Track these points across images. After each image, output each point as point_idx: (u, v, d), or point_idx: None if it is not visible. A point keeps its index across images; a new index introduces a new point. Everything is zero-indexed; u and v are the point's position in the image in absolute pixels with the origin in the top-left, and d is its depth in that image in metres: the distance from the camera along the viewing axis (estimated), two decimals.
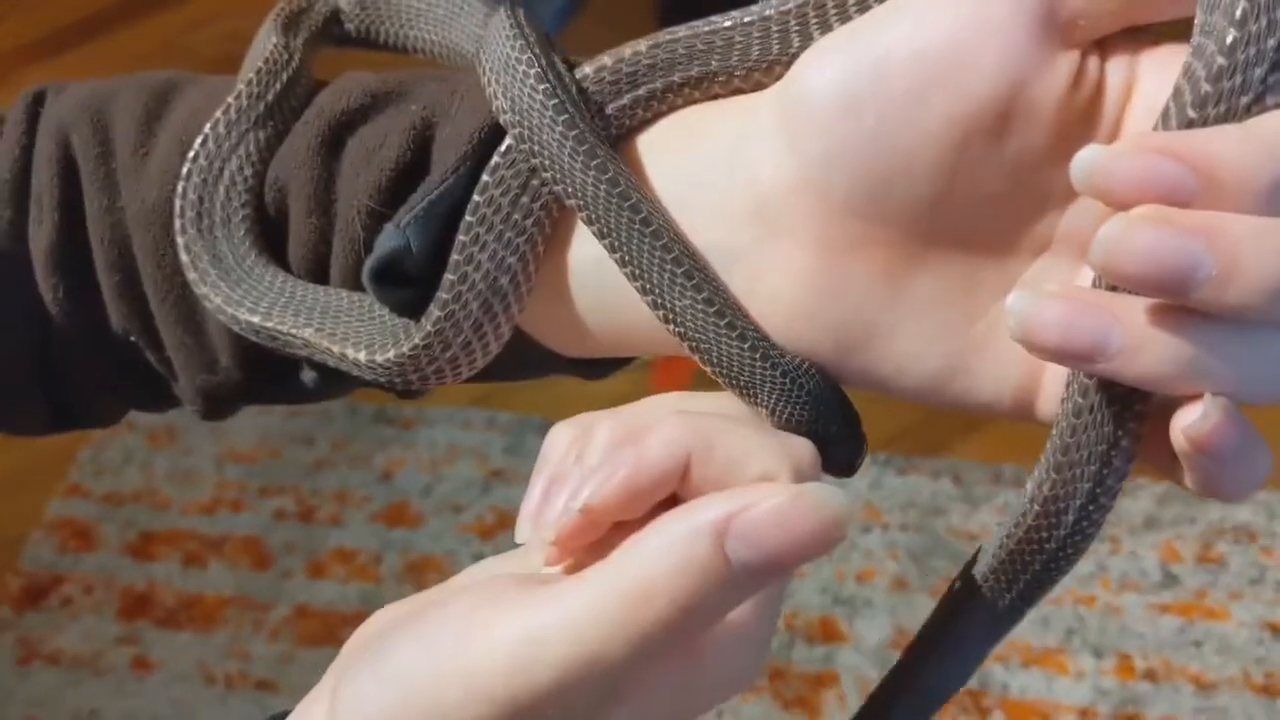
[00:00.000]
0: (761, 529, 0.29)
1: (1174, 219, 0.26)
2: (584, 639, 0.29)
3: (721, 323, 0.35)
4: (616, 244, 0.35)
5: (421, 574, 1.44)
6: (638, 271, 0.35)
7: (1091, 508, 0.33)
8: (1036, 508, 0.34)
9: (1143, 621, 1.36)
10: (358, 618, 0.42)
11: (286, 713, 0.34)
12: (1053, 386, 0.34)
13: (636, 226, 0.34)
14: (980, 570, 0.37)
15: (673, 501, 0.32)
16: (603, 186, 0.34)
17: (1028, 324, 0.28)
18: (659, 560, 0.29)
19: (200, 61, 2.01)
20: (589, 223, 0.35)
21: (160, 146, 0.42)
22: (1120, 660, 1.33)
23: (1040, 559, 0.35)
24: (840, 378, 0.36)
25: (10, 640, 1.41)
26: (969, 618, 0.38)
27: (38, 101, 0.45)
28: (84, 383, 0.47)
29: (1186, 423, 0.28)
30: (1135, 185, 0.27)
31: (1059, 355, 0.28)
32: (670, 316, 0.35)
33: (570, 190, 0.35)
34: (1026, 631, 1.35)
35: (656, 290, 0.35)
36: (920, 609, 1.34)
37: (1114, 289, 0.29)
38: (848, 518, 0.29)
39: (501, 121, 0.36)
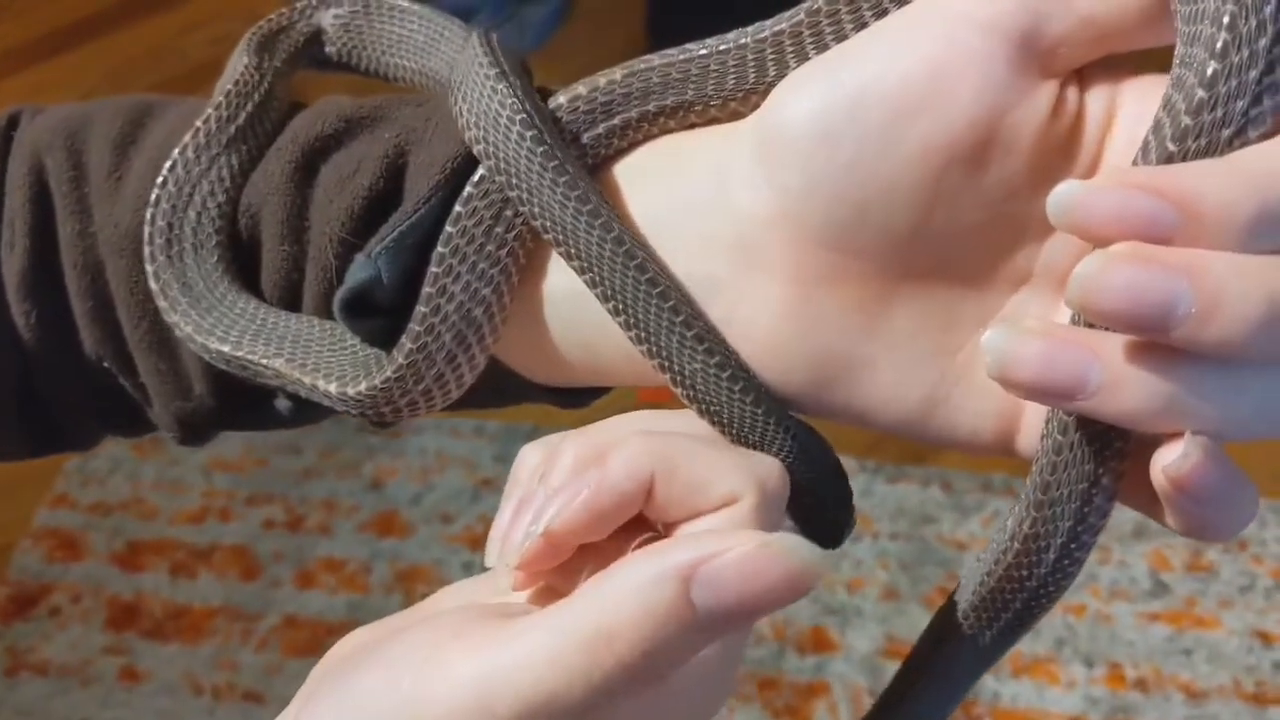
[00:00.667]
0: (727, 577, 0.29)
1: (1153, 256, 0.26)
2: (542, 680, 0.29)
3: (724, 375, 0.34)
4: (599, 279, 0.34)
5: (411, 583, 1.43)
6: (623, 306, 0.34)
7: (1073, 546, 0.33)
8: (1017, 545, 0.33)
9: (1133, 630, 1.35)
10: (346, 627, 0.42)
11: None
12: (1033, 421, 0.34)
13: (621, 261, 0.34)
14: (961, 607, 0.36)
15: (640, 520, 0.32)
16: (583, 219, 0.34)
17: (1005, 361, 0.27)
18: (622, 603, 0.29)
19: (192, 65, 2.00)
20: (569, 257, 0.35)
21: (134, 170, 0.42)
22: (1111, 669, 1.33)
23: (1021, 597, 0.34)
24: (819, 411, 0.35)
25: None
26: (952, 654, 0.38)
27: (12, 124, 0.45)
28: (61, 408, 0.46)
29: (1166, 462, 0.28)
30: (1113, 221, 0.26)
31: (1037, 393, 0.28)
32: (666, 365, 0.35)
33: (549, 224, 0.34)
34: None
35: (647, 332, 0.34)
36: (911, 618, 1.34)
37: (1093, 325, 0.28)
38: (819, 568, 0.29)
39: (475, 152, 0.35)
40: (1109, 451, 0.31)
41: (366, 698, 0.31)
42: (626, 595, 0.29)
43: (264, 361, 0.38)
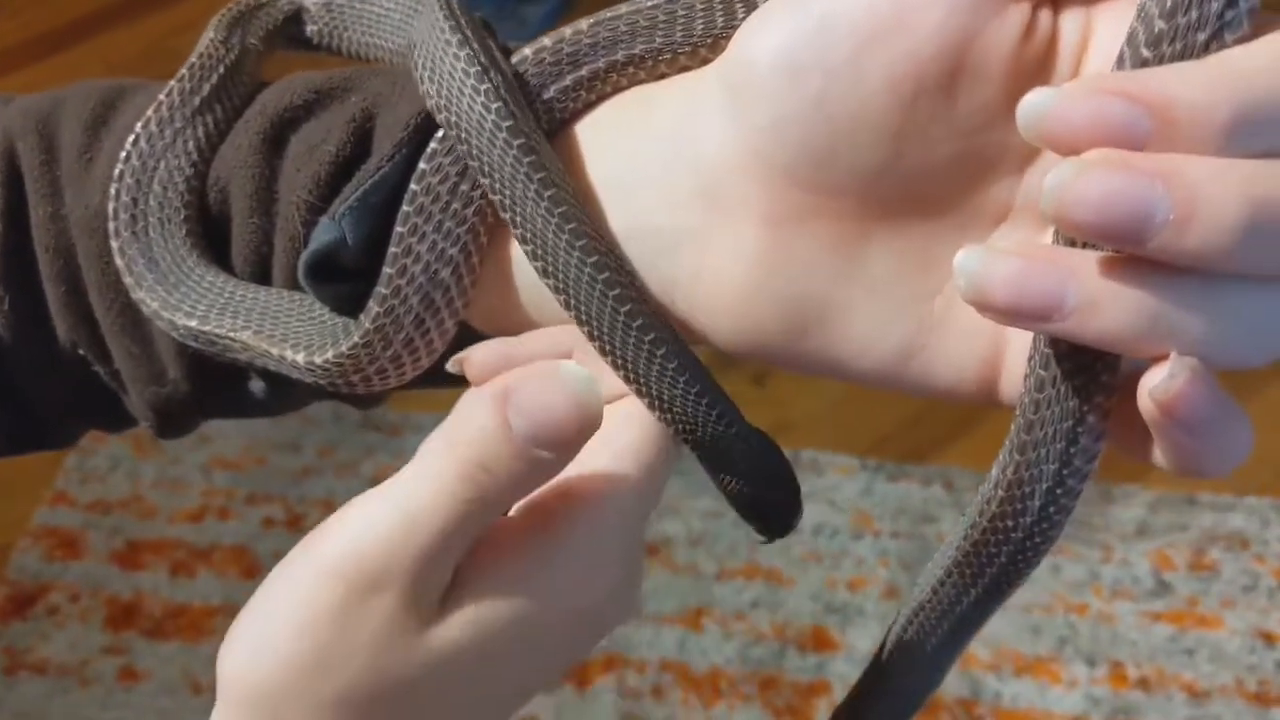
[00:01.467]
0: (527, 401, 0.31)
1: (1127, 161, 0.25)
2: (410, 495, 0.32)
3: (681, 379, 0.34)
4: (550, 268, 0.34)
5: None
6: (574, 302, 0.34)
7: (1059, 491, 0.31)
8: (1000, 493, 0.32)
9: (1135, 629, 1.35)
10: None
11: None
12: (1016, 366, 0.33)
13: (576, 254, 0.33)
14: (944, 565, 0.35)
15: None
16: (533, 188, 0.33)
17: (978, 282, 0.27)
18: (464, 425, 0.32)
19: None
20: (522, 241, 0.34)
21: (105, 151, 0.41)
22: (1113, 668, 1.32)
23: (1006, 550, 0.33)
24: (793, 362, 0.35)
25: None
26: (933, 618, 0.37)
27: None
28: (38, 402, 0.46)
29: (1153, 384, 0.27)
30: (1086, 128, 0.25)
31: (1012, 314, 0.27)
32: (617, 363, 0.35)
33: (502, 196, 0.34)
34: (1018, 640, 1.34)
35: (601, 336, 0.34)
36: None
37: (1072, 244, 0.28)
38: (598, 402, 0.32)
39: (432, 112, 0.35)
40: (1094, 386, 0.30)
41: (268, 590, 0.34)
42: (463, 421, 0.32)
43: (231, 335, 0.38)
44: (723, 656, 1.35)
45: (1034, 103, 0.26)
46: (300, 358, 0.37)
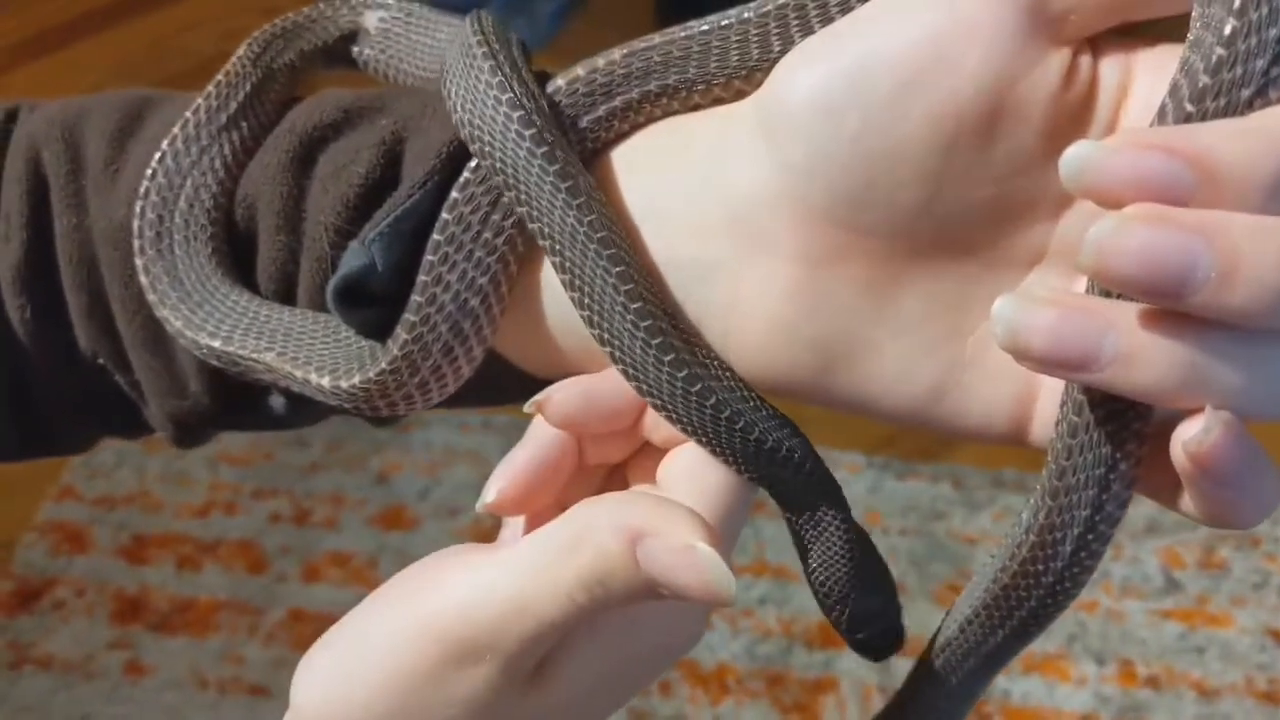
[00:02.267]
0: (661, 559, 0.31)
1: (1170, 216, 0.25)
2: (527, 580, 0.32)
3: (734, 423, 0.34)
4: (584, 294, 0.34)
5: None
6: (608, 336, 0.34)
7: (1090, 537, 0.31)
8: (1032, 538, 0.32)
9: (1145, 627, 1.34)
10: None
11: None
12: (1048, 409, 0.32)
13: (610, 280, 0.33)
14: (974, 605, 0.35)
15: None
16: (572, 215, 0.33)
17: (1016, 330, 0.26)
18: (585, 537, 0.32)
19: (197, 61, 1.99)
20: (557, 266, 0.34)
21: (131, 163, 0.41)
22: (1122, 666, 1.32)
23: (1037, 594, 0.33)
24: (822, 399, 0.34)
25: (1, 644, 1.40)
26: (962, 656, 0.37)
27: (10, 119, 0.44)
28: (55, 407, 0.45)
29: (1187, 437, 0.26)
30: (1128, 181, 0.25)
31: (1048, 364, 0.27)
32: (654, 402, 0.34)
33: (538, 222, 0.33)
34: None
35: (631, 365, 0.34)
36: (921, 614, 1.33)
37: (1108, 295, 0.27)
38: (726, 589, 0.31)
39: (463, 136, 0.34)
40: (1127, 433, 0.29)
41: (361, 626, 0.34)
42: (591, 532, 0.32)
43: (254, 356, 0.37)
44: (730, 653, 1.35)
45: (1077, 154, 0.25)
46: (326, 381, 0.36)
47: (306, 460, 1.54)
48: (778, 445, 0.34)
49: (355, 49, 0.43)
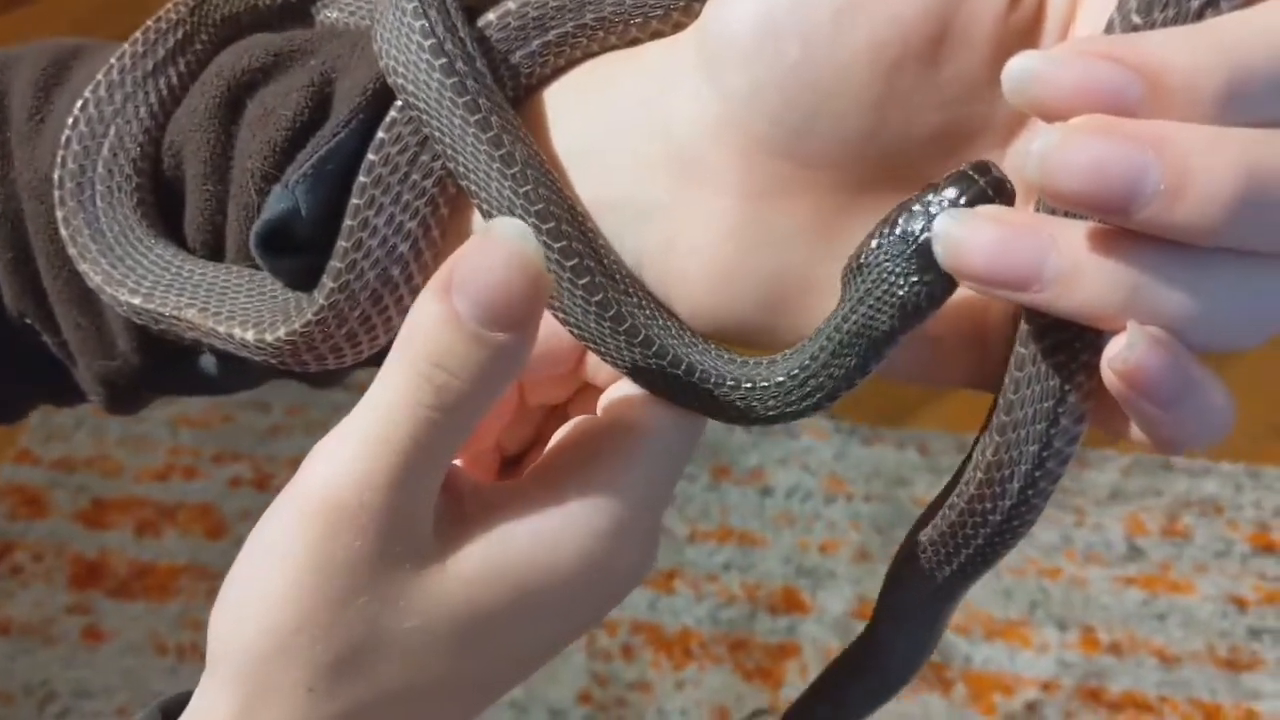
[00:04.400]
0: (468, 277, 0.29)
1: (1118, 128, 0.24)
2: (371, 419, 0.30)
3: (648, 351, 0.32)
4: None
5: None
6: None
7: (1038, 474, 0.31)
8: (980, 475, 0.31)
9: (1107, 594, 1.35)
10: None
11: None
12: (1001, 349, 0.31)
13: (531, 220, 0.32)
14: (920, 543, 0.34)
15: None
16: (495, 165, 0.31)
17: (956, 248, 0.26)
18: (410, 333, 0.30)
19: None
20: (484, 216, 0.33)
21: (56, 113, 0.40)
22: (1084, 633, 1.32)
23: (984, 532, 0.32)
24: (768, 340, 0.33)
25: None
26: (910, 595, 0.36)
27: None
28: None
29: (1112, 354, 0.26)
30: (1074, 93, 0.24)
31: (989, 281, 0.26)
32: (581, 336, 0.33)
33: (461, 167, 0.32)
34: (990, 603, 1.33)
35: (574, 320, 0.32)
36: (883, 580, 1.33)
37: (1053, 214, 0.26)
38: (531, 246, 0.29)
39: (390, 84, 0.33)
40: (1075, 365, 0.29)
41: (250, 544, 0.32)
42: (411, 325, 0.30)
43: (175, 314, 0.36)
44: (694, 618, 1.34)
45: (1021, 66, 0.24)
46: (250, 335, 0.35)
47: (267, 424, 1.52)
48: (705, 375, 0.33)
49: (315, 9, 0.41)
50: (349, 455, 0.30)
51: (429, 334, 0.29)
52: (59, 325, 0.41)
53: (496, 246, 0.29)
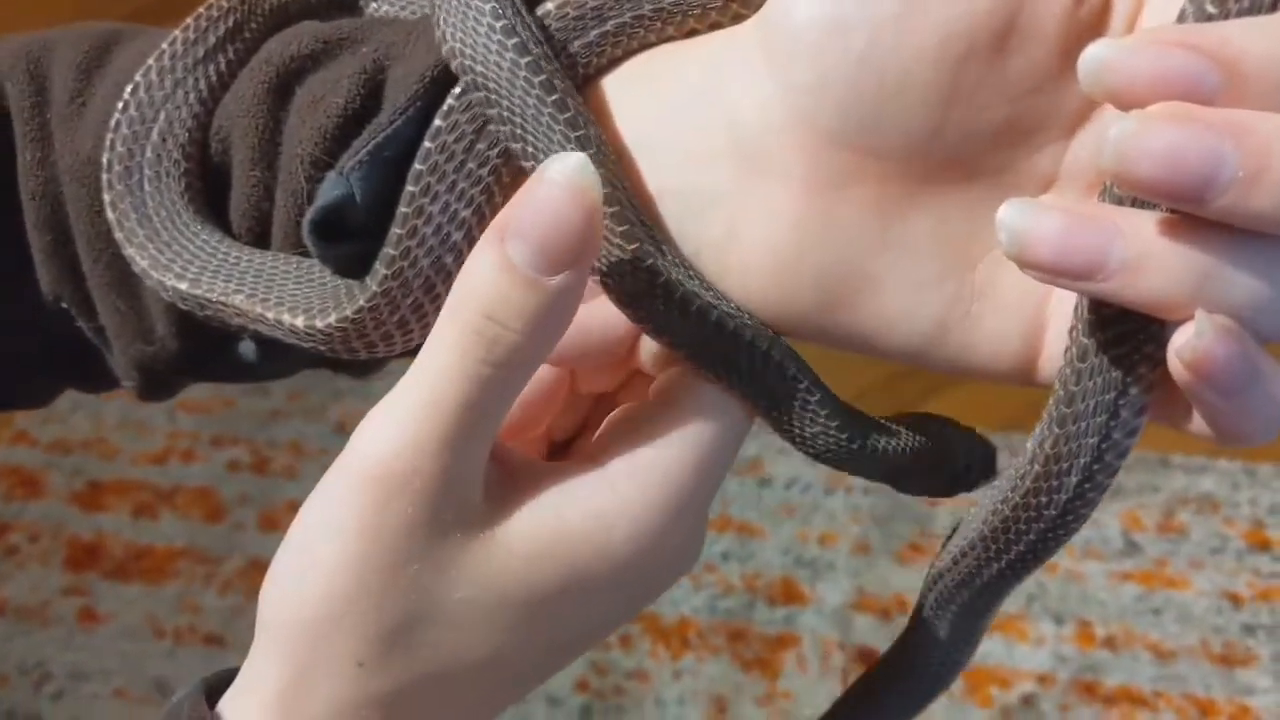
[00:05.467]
0: (523, 219, 0.29)
1: (1196, 115, 0.23)
2: (422, 379, 0.30)
3: (718, 339, 0.33)
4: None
5: None
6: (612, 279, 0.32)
7: (1097, 467, 0.30)
8: (1037, 468, 0.31)
9: (1103, 589, 1.35)
10: None
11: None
12: (1056, 344, 0.31)
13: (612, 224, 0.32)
14: (967, 538, 0.34)
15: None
16: (571, 146, 0.31)
17: (1021, 237, 0.25)
18: (464, 281, 0.30)
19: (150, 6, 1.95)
20: None
21: (98, 96, 0.39)
22: (1080, 627, 1.33)
23: (1037, 527, 0.32)
24: (823, 336, 0.33)
25: None
26: (955, 590, 0.36)
27: None
28: (13, 359, 0.44)
29: (1180, 344, 0.25)
30: (1150, 81, 0.24)
31: (1055, 271, 0.26)
32: (642, 320, 0.33)
33: (531, 149, 0.32)
34: None
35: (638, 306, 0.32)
36: (882, 572, 1.33)
37: (1120, 203, 0.26)
38: (590, 175, 0.29)
39: (452, 65, 0.33)
40: (1138, 356, 0.28)
41: (304, 513, 0.32)
42: (461, 283, 0.30)
43: (223, 299, 0.36)
44: (692, 607, 1.35)
45: (1096, 55, 0.24)
46: (300, 321, 0.35)
47: (266, 408, 1.52)
48: (769, 355, 0.33)
49: (364, 0, 0.41)
50: (398, 422, 0.31)
51: (480, 286, 0.29)
52: (96, 309, 0.41)
53: (549, 186, 0.29)
